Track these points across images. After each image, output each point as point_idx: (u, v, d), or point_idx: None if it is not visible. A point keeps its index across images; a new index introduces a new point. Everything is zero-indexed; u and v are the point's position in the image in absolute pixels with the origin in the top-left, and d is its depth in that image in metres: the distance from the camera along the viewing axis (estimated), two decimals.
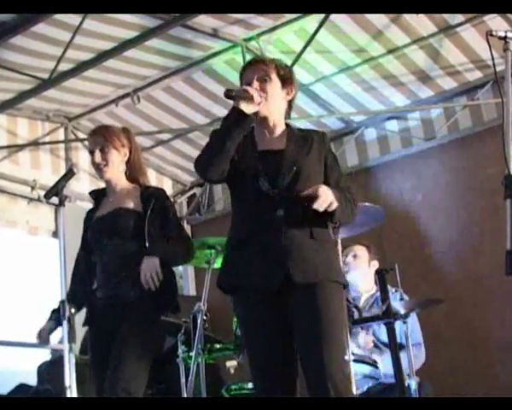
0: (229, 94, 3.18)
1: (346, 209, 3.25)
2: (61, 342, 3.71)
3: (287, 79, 3.37)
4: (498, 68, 2.84)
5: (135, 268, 3.73)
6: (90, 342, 4.00)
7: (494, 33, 2.67)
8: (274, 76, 3.32)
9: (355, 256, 5.28)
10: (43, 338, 4.03)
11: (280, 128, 3.39)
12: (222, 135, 3.21)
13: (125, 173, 4.07)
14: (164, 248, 3.86)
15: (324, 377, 2.99)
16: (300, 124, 6.47)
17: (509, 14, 5.32)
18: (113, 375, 3.63)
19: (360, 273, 5.21)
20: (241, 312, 3.28)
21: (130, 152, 4.06)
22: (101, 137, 4.00)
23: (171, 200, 8.13)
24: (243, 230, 3.26)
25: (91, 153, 4.04)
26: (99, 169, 3.99)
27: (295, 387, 3.17)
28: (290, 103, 3.43)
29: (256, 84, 3.28)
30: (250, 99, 3.17)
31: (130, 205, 3.92)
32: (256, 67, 3.35)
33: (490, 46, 2.67)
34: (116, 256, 3.84)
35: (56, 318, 3.85)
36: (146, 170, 4.20)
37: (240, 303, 3.27)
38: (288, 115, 3.45)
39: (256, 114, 3.26)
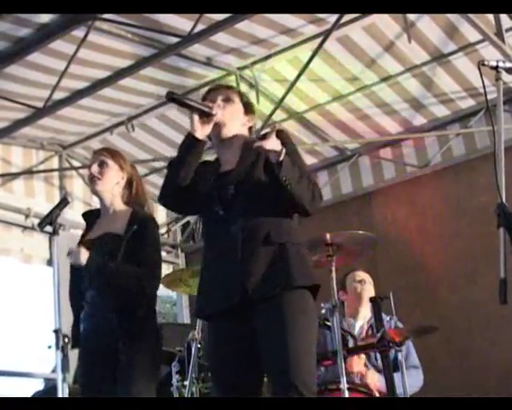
0: (182, 101, 3.25)
1: (297, 176, 3.09)
2: (54, 371, 3.70)
3: (248, 107, 3.42)
4: (490, 96, 2.86)
5: (112, 293, 3.75)
6: (81, 366, 3.98)
7: (486, 63, 2.68)
8: (237, 100, 3.38)
9: (361, 281, 5.26)
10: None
11: (238, 145, 3.34)
12: (176, 163, 3.26)
13: (124, 201, 4.08)
14: (122, 268, 3.85)
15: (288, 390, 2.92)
16: None
17: (501, 44, 5.34)
18: None
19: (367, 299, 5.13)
20: (208, 337, 3.23)
21: (131, 184, 4.09)
22: (104, 154, 4.08)
23: (166, 228, 8.27)
24: (207, 255, 3.26)
25: (89, 167, 4.08)
26: (92, 180, 4.01)
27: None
28: (250, 131, 3.44)
29: (220, 103, 3.29)
30: (208, 112, 3.19)
31: (117, 229, 3.90)
32: (220, 91, 3.41)
33: (481, 75, 2.69)
34: (99, 284, 3.85)
35: None
36: (149, 203, 4.21)
37: (208, 328, 3.25)
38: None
39: (217, 135, 3.29)
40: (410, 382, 4.59)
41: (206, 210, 3.29)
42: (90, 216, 4.17)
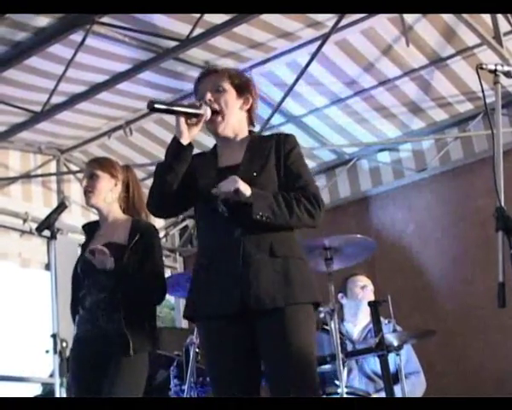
0: (168, 109, 3.08)
1: (279, 207, 2.96)
2: (52, 375, 3.69)
3: (243, 88, 3.22)
4: (489, 100, 2.86)
5: (113, 303, 3.76)
6: (71, 374, 3.95)
7: (484, 66, 2.69)
8: (228, 86, 3.18)
9: (363, 287, 5.26)
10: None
11: (241, 140, 3.21)
12: (162, 170, 3.10)
13: (123, 207, 4.09)
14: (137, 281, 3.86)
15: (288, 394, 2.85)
16: None
17: (499, 47, 5.34)
18: None
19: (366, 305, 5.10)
20: (204, 339, 3.11)
21: (128, 187, 4.10)
22: (93, 166, 4.10)
23: (164, 232, 8.27)
24: (205, 255, 3.09)
25: (82, 181, 4.10)
26: (85, 195, 4.05)
27: None
28: (250, 113, 3.27)
29: (209, 96, 3.14)
30: (195, 113, 3.04)
31: (119, 239, 3.91)
32: (209, 79, 3.21)
33: (480, 79, 2.69)
34: (99, 291, 3.84)
35: None
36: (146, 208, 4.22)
37: (201, 331, 3.13)
38: (250, 126, 3.29)
39: (214, 129, 3.16)
40: (412, 389, 4.59)
41: (206, 207, 3.09)
42: (90, 228, 4.18)
